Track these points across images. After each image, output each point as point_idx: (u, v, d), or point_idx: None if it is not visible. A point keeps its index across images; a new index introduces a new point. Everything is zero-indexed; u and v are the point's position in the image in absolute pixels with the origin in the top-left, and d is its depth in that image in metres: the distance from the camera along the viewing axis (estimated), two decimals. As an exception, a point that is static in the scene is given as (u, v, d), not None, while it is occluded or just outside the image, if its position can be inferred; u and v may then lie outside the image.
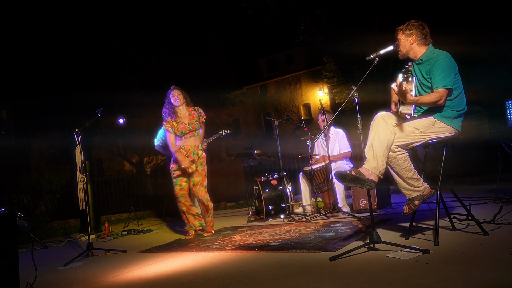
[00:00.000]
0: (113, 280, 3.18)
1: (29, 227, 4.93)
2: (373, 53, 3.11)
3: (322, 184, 5.36)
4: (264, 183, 5.78)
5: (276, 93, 30.64)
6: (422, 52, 3.15)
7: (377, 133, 3.02)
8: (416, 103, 2.95)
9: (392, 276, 2.31)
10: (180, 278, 2.94)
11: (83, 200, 4.56)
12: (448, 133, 3.06)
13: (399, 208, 5.06)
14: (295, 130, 24.13)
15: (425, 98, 2.95)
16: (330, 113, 5.67)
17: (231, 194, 9.27)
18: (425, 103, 2.98)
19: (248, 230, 4.80)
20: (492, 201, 4.60)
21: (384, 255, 2.77)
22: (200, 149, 4.89)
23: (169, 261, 3.65)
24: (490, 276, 2.11)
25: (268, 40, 48.63)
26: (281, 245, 3.63)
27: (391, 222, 4.20)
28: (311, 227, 4.44)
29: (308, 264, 2.87)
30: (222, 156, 20.31)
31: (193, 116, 4.88)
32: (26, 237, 5.39)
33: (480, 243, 2.80)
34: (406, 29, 3.17)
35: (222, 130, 5.99)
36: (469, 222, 3.38)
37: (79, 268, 3.85)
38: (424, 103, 2.98)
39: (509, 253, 2.46)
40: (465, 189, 6.05)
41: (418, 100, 2.93)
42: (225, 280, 2.72)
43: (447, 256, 2.57)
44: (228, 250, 3.74)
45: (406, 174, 3.10)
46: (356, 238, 3.52)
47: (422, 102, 2.96)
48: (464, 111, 3.11)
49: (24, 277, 2.80)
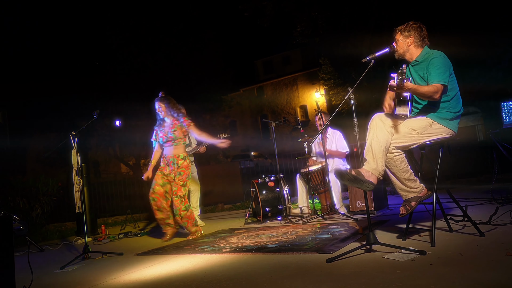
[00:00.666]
0: (109, 283, 3.17)
1: (25, 231, 4.89)
2: (369, 55, 3.11)
3: (319, 186, 5.36)
4: (261, 185, 5.78)
5: (272, 95, 30.69)
6: (418, 54, 3.16)
7: (375, 134, 3.02)
8: (414, 91, 2.94)
9: (389, 277, 2.31)
10: (177, 281, 2.94)
11: (80, 202, 4.54)
12: (445, 134, 3.08)
13: (395, 210, 5.07)
14: (292, 131, 24.14)
15: (423, 88, 2.96)
16: (327, 115, 5.68)
17: (228, 196, 9.25)
18: (422, 93, 2.97)
19: (245, 232, 4.79)
20: (488, 202, 4.62)
21: (381, 256, 2.78)
22: (182, 159, 4.87)
23: (166, 263, 3.64)
24: (486, 277, 2.11)
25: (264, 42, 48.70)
26: (278, 247, 3.62)
27: (388, 223, 4.21)
28: (308, 229, 4.44)
29: (305, 266, 2.87)
30: (219, 158, 20.30)
31: (173, 126, 4.91)
32: (22, 240, 5.35)
33: (476, 244, 2.81)
34: (404, 30, 3.17)
35: (221, 134, 5.97)
36: (465, 223, 3.39)
37: (76, 271, 3.83)
38: (421, 92, 2.96)
39: (506, 254, 2.47)
40: (461, 190, 6.07)
41: (416, 89, 2.92)
42: (222, 282, 2.72)
43: (444, 257, 2.58)
44: (225, 252, 3.73)
45: (403, 175, 3.11)
46: (353, 239, 3.53)
47: (420, 91, 2.95)
48: (460, 112, 3.12)
49: (20, 281, 2.79)
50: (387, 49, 3.19)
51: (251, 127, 31.33)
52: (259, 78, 32.29)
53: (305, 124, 26.00)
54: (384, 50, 3.18)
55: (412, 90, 2.92)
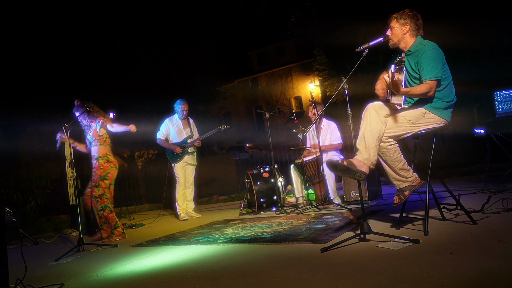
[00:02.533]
0: (104, 274, 3.17)
1: (18, 223, 4.84)
2: (363, 45, 3.10)
3: (313, 176, 5.38)
4: (256, 176, 5.79)
5: (267, 86, 30.59)
6: (411, 43, 3.15)
7: (368, 123, 3.02)
8: (407, 94, 2.97)
9: (383, 265, 2.33)
10: (172, 272, 2.94)
11: (73, 195, 4.52)
12: (438, 123, 3.08)
13: (389, 199, 5.10)
14: (287, 123, 24.17)
15: (415, 89, 2.96)
16: (321, 105, 5.68)
17: (223, 187, 9.28)
18: (416, 95, 2.99)
19: (240, 223, 4.80)
20: (480, 191, 4.66)
21: (375, 245, 2.80)
22: (95, 159, 4.91)
23: (161, 255, 3.64)
24: (478, 264, 2.13)
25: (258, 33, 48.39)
26: (273, 238, 3.63)
27: (381, 213, 4.24)
28: (302, 219, 4.46)
29: (300, 256, 2.88)
30: (214, 150, 20.25)
31: (90, 128, 5.00)
32: (15, 233, 5.33)
33: (469, 232, 2.83)
34: (401, 17, 3.14)
35: (221, 126, 5.97)
36: (458, 212, 3.42)
37: (70, 263, 3.83)
38: (414, 94, 2.99)
39: (498, 241, 2.49)
40: (455, 180, 6.11)
41: (409, 92, 2.95)
42: (217, 272, 2.73)
43: (437, 246, 2.60)
44: (220, 243, 3.74)
45: (396, 164, 3.12)
46: (347, 229, 3.55)
47: (413, 93, 2.97)
48: (453, 101, 3.12)
49: (14, 273, 2.77)
50: (381, 38, 3.17)
51: (245, 118, 31.26)
52: (254, 69, 32.16)
53: (300, 115, 25.99)
54: (378, 40, 3.16)
55: (407, 94, 2.94)
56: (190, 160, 6.07)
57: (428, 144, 3.23)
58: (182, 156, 5.97)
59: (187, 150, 5.99)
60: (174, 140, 6.05)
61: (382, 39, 3.18)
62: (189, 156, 6.04)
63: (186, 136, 6.04)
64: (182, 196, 6.04)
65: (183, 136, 6.06)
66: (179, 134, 6.06)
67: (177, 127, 6.08)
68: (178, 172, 6.01)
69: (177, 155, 5.97)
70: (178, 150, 5.93)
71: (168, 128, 6.08)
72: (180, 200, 6.03)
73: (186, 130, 6.11)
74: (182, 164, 6.01)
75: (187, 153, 6.00)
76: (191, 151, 6.05)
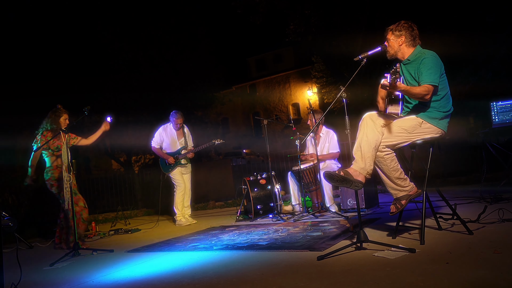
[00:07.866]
0: (99, 280, 3.15)
1: (14, 227, 4.82)
2: (361, 54, 3.13)
3: (310, 184, 5.38)
4: (253, 183, 5.78)
5: (265, 93, 30.69)
6: (410, 53, 3.18)
7: (365, 133, 3.04)
8: (406, 91, 2.97)
9: (379, 274, 2.33)
10: (168, 278, 2.93)
11: (69, 199, 4.50)
12: (435, 133, 3.10)
13: (386, 208, 5.11)
14: (284, 129, 24.22)
15: (415, 89, 2.99)
16: (319, 113, 5.68)
17: (220, 193, 9.25)
18: (414, 94, 3.00)
19: (237, 230, 4.80)
20: (477, 200, 4.67)
21: (371, 254, 2.80)
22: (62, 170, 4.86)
23: (157, 260, 3.62)
24: (474, 275, 2.14)
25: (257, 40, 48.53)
26: (269, 245, 3.63)
27: (378, 221, 4.24)
28: (299, 227, 4.46)
29: (296, 264, 2.88)
30: (211, 155, 20.23)
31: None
32: (11, 237, 5.30)
33: (465, 242, 2.84)
34: (396, 29, 3.18)
35: (216, 140, 5.97)
36: (454, 222, 3.43)
37: (65, 268, 3.80)
38: (413, 93, 3.00)
39: (493, 252, 2.50)
40: (451, 189, 6.13)
41: (408, 90, 2.96)
42: (213, 280, 2.72)
43: (433, 255, 2.60)
44: (217, 249, 3.73)
45: (393, 174, 3.13)
46: (343, 237, 3.55)
47: (412, 92, 2.99)
48: (450, 112, 3.15)
49: (9, 278, 2.76)
50: (379, 48, 3.21)
51: (243, 124, 31.30)
52: (252, 75, 32.28)
53: (297, 122, 26.00)
54: (376, 49, 3.20)
55: (404, 90, 2.95)
56: (183, 170, 6.08)
57: (424, 154, 3.25)
58: (174, 167, 5.97)
59: (180, 162, 5.99)
60: (168, 150, 6.03)
61: (380, 48, 3.21)
62: (181, 167, 6.04)
63: (180, 147, 6.02)
64: (182, 201, 6.02)
65: (177, 146, 6.04)
66: (172, 144, 6.04)
67: (171, 137, 6.05)
68: (177, 178, 6.00)
69: (169, 166, 5.97)
70: (171, 160, 5.92)
71: (162, 137, 6.05)
72: (180, 204, 6.01)
73: (180, 140, 6.08)
74: (178, 170, 6.01)
75: (179, 165, 6.00)
76: (184, 162, 6.05)
